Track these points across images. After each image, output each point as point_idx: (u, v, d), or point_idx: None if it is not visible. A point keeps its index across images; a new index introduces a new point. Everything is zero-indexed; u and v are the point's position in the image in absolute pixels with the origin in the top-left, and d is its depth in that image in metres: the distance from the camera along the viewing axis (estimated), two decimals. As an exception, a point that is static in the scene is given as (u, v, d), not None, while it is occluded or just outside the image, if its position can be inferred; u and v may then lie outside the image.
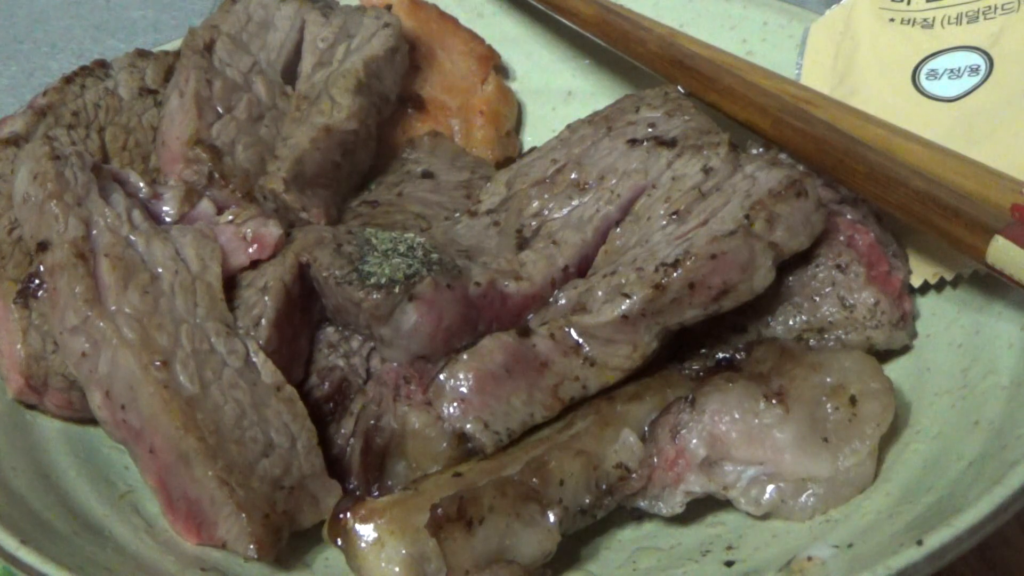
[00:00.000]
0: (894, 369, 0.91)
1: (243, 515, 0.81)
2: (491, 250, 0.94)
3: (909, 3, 1.07)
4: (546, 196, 0.98)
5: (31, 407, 0.94)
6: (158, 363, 0.83)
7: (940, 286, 0.97)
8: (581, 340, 0.89)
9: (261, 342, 0.88)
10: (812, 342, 0.92)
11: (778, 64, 1.12)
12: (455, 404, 0.86)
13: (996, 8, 1.02)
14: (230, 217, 0.95)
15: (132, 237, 0.89)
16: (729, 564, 0.82)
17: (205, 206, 0.96)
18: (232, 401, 0.85)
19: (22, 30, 1.50)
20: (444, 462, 0.86)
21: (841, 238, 0.92)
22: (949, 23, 1.04)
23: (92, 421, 0.89)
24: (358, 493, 0.85)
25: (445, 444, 0.86)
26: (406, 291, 0.86)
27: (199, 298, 0.89)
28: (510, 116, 1.20)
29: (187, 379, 0.84)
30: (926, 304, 0.97)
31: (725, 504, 0.86)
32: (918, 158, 0.93)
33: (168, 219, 0.94)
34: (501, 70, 1.23)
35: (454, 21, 1.22)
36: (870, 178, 0.90)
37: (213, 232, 0.93)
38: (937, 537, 0.71)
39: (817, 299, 0.93)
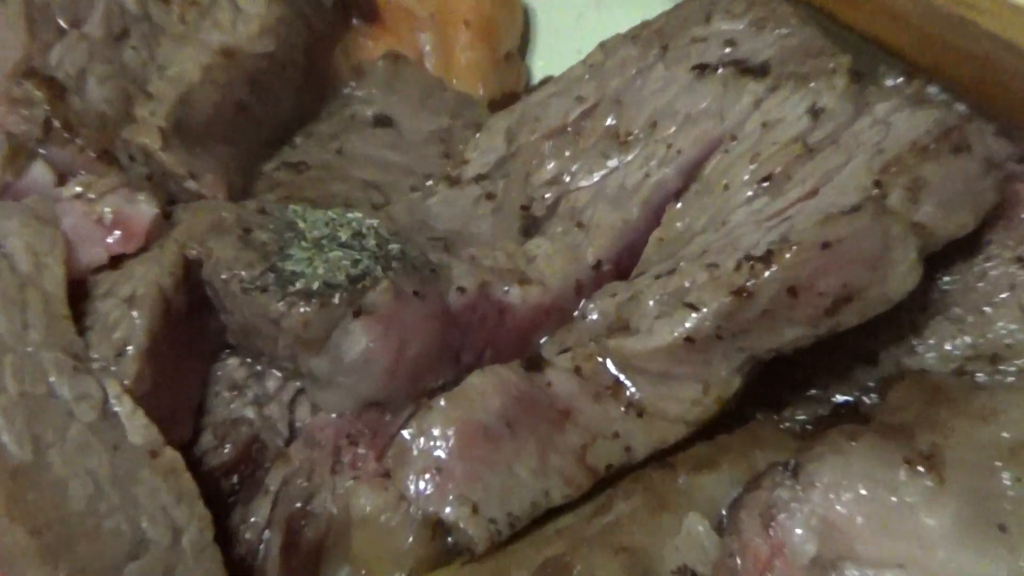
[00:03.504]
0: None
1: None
2: (483, 236, 0.72)
3: None
4: (567, 154, 0.74)
5: None
6: (-38, 418, 0.64)
7: None
8: (622, 376, 0.66)
9: (127, 382, 0.65)
10: (980, 376, 0.69)
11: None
12: (426, 476, 0.64)
13: None
14: (78, 189, 0.70)
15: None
16: None
17: (39, 172, 0.71)
18: (82, 474, 0.64)
19: None
20: (410, 567, 0.64)
21: (1024, 216, 0.71)
22: None
23: None
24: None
25: (411, 539, 0.64)
26: (351, 301, 0.64)
27: (31, 315, 0.66)
28: (511, 29, 0.92)
29: (12, 441, 0.62)
30: None
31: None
32: None
33: (-19, 192, 0.74)
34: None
35: None
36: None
37: (52, 212, 0.69)
38: None
39: (988, 310, 0.70)
